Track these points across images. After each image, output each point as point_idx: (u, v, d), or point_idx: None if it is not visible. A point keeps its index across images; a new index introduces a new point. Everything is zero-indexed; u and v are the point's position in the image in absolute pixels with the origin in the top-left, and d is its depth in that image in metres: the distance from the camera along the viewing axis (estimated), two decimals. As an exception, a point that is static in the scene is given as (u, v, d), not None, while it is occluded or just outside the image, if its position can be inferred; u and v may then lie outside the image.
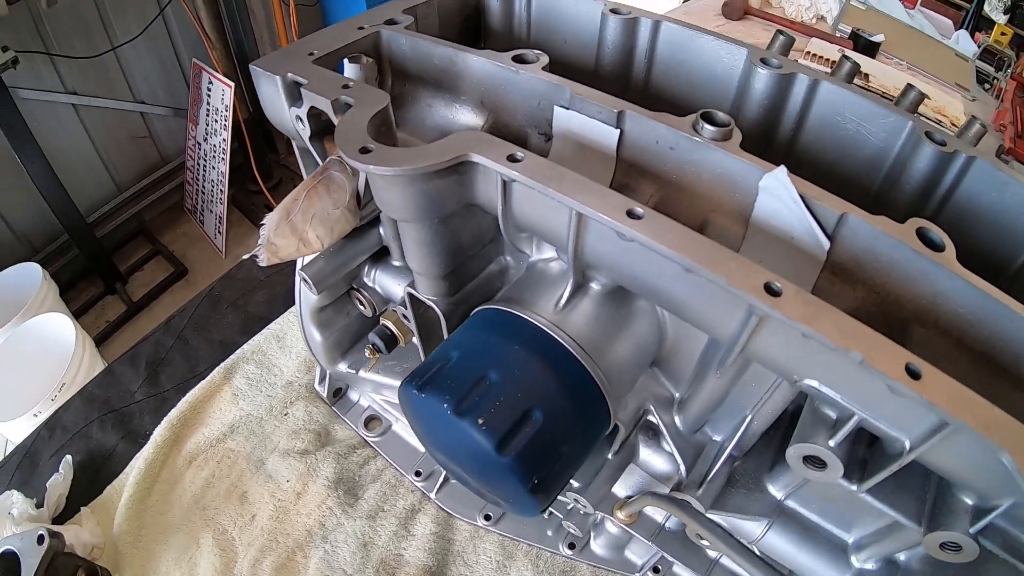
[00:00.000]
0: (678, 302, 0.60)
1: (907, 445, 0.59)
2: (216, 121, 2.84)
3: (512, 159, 0.62)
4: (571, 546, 1.11)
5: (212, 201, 3.02)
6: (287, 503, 1.21)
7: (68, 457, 1.30)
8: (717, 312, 0.58)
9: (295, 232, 0.87)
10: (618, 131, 0.71)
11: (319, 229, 0.86)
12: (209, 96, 2.85)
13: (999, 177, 0.81)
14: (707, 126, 0.68)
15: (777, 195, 0.66)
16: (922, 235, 0.65)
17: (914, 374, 0.52)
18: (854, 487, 0.68)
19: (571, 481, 0.88)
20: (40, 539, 1.02)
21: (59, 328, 2.21)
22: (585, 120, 0.73)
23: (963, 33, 3.37)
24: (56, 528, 1.14)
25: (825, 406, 0.65)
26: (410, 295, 0.87)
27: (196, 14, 2.76)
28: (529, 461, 0.61)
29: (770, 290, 0.53)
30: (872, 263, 0.67)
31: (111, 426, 1.37)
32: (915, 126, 0.83)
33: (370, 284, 1.09)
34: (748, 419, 0.78)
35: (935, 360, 0.55)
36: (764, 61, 0.86)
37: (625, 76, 0.95)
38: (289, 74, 0.82)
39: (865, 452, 0.69)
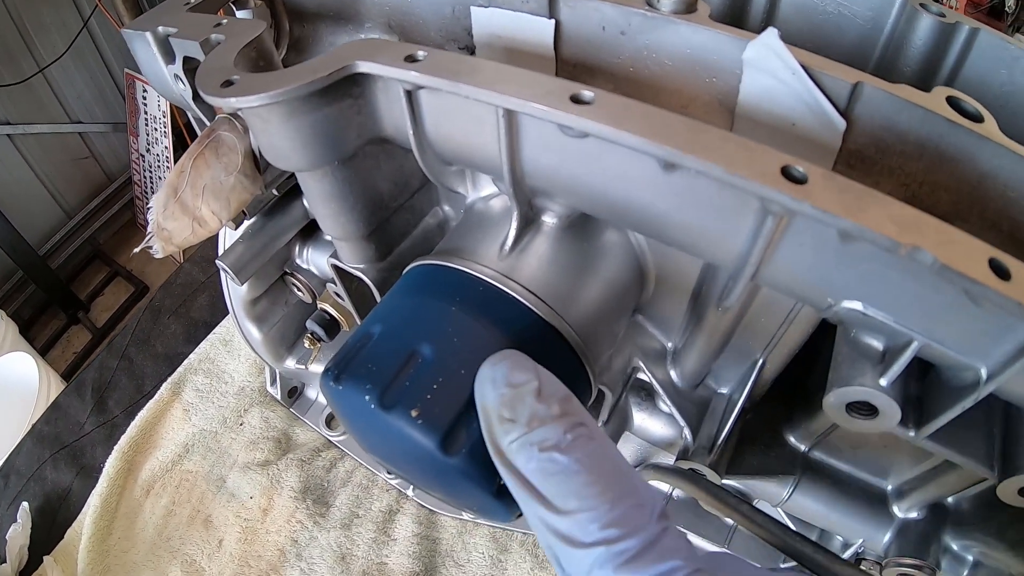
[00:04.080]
0: (658, 220, 0.42)
1: (983, 374, 0.41)
2: (156, 130, 2.59)
3: (411, 59, 0.43)
4: (571, 529, 0.95)
5: (166, 214, 2.77)
6: (254, 522, 1.03)
7: (24, 505, 1.12)
8: (715, 223, 0.40)
9: (187, 211, 0.68)
10: (552, 21, 0.52)
11: (213, 203, 0.67)
12: (145, 105, 2.60)
13: (1009, 51, 0.62)
14: (664, -4, 0.50)
15: (768, 69, 0.47)
16: (955, 104, 0.47)
17: (1002, 272, 0.35)
18: (911, 433, 0.51)
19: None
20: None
21: (23, 368, 2.00)
22: (510, 16, 0.54)
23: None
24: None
25: (866, 333, 0.48)
26: (334, 267, 0.68)
27: (120, 22, 2.49)
28: (487, 457, 0.43)
29: (790, 176, 0.35)
30: (898, 145, 0.49)
31: (64, 464, 1.19)
32: (905, -3, 0.65)
33: (304, 265, 0.90)
34: (760, 364, 0.61)
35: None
36: (718, -64, 0.67)
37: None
38: (160, 27, 0.62)
39: (917, 387, 0.52)
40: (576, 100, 0.37)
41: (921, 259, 0.34)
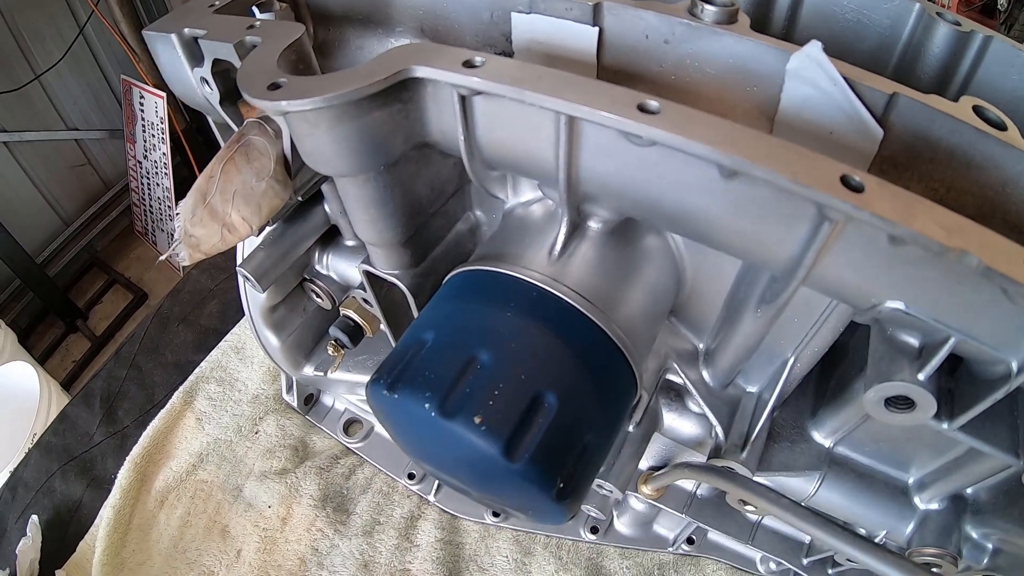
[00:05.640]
0: (712, 225, 0.43)
1: (1015, 367, 0.44)
2: (153, 136, 2.56)
3: (469, 64, 0.43)
4: (594, 530, 0.95)
5: (161, 219, 2.75)
6: (273, 531, 1.03)
7: (34, 517, 1.10)
8: (770, 228, 0.41)
9: (216, 217, 0.67)
10: (596, 29, 0.53)
11: (244, 209, 0.66)
12: (143, 111, 2.57)
13: (1020, 58, 0.64)
14: (707, 7, 0.51)
15: (810, 79, 0.49)
16: (980, 114, 0.49)
17: None
18: (944, 425, 0.52)
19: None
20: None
21: (23, 377, 1.96)
22: (552, 23, 0.55)
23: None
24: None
25: (903, 331, 0.49)
26: (367, 273, 0.68)
27: (117, 28, 2.47)
28: (549, 461, 0.43)
29: (849, 184, 0.36)
30: (928, 152, 0.50)
31: (74, 476, 1.17)
32: (924, 7, 0.67)
33: (324, 271, 0.90)
34: (791, 362, 0.62)
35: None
36: (746, -55, 0.68)
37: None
38: (186, 29, 0.62)
39: (948, 381, 0.54)
40: (643, 109, 0.37)
41: (967, 261, 0.36)
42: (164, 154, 2.56)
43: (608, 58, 0.55)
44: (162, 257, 0.71)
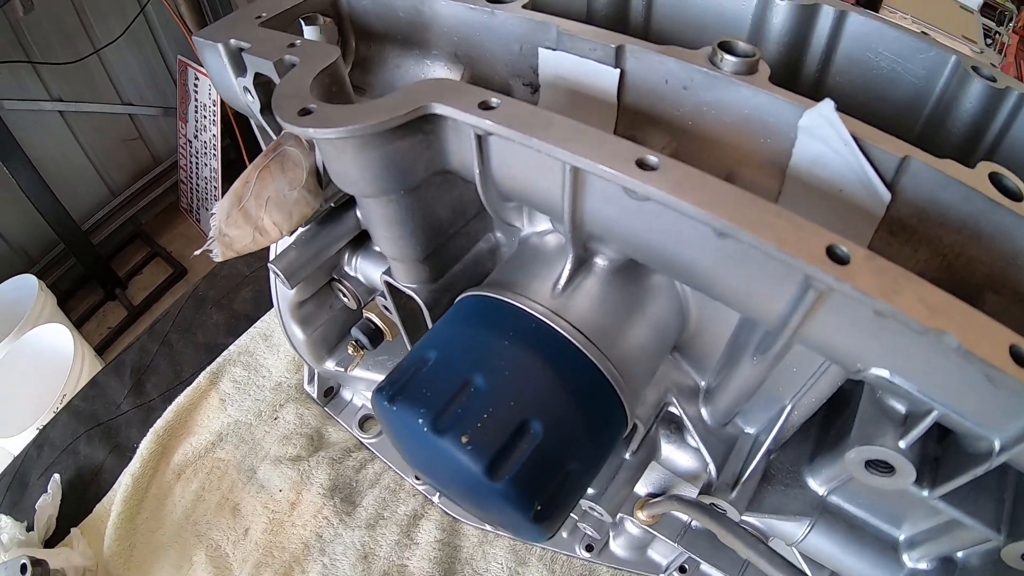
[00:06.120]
0: (707, 277, 0.45)
1: (997, 445, 0.44)
2: (205, 117, 2.67)
3: (485, 106, 0.46)
4: (588, 548, 0.98)
5: (207, 199, 2.86)
6: (281, 514, 1.08)
7: (56, 476, 1.18)
8: (760, 288, 0.43)
9: (249, 220, 0.72)
10: (618, 71, 0.55)
11: (276, 215, 0.71)
12: (196, 92, 2.68)
13: None
14: (727, 57, 0.53)
15: (821, 137, 0.50)
16: (996, 182, 0.50)
17: (1021, 359, 0.38)
18: (925, 493, 0.53)
19: (583, 488, 0.74)
20: (23, 568, 0.92)
21: (58, 339, 2.09)
22: (577, 61, 0.57)
23: (966, -15, 3.13)
24: (42, 554, 1.03)
25: (891, 397, 0.50)
26: (387, 284, 0.72)
27: (177, 10, 2.58)
28: (529, 485, 0.47)
29: (835, 256, 0.38)
30: (938, 218, 0.51)
31: (98, 440, 1.25)
32: (959, 60, 0.67)
33: (352, 273, 0.94)
34: (788, 410, 0.64)
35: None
36: (782, -9, 0.70)
37: (621, 19, 0.79)
38: (232, 40, 0.67)
39: (935, 449, 0.55)
40: (642, 165, 0.40)
41: (947, 342, 0.38)
42: (214, 136, 2.67)
43: (629, 99, 0.57)
44: (196, 253, 0.76)
